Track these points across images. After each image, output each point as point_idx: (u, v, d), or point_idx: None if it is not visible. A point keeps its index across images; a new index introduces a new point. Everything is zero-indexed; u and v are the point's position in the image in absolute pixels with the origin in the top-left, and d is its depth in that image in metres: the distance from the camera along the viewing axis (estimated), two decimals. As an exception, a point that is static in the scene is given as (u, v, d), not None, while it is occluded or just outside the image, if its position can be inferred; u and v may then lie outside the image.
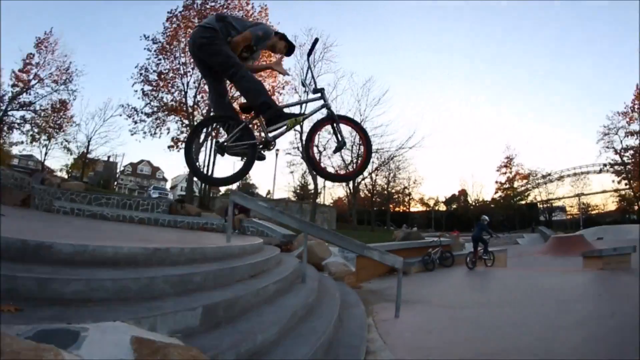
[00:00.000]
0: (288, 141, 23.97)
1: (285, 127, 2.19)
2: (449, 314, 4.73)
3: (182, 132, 19.43)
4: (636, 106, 23.52)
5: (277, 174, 42.78)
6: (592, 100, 52.15)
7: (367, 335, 3.13)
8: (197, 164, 2.42)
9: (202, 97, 19.24)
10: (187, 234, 6.72)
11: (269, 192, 37.27)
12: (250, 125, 2.23)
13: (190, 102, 18.64)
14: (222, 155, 2.21)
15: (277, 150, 23.49)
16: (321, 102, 2.28)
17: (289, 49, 2.49)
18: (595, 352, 3.10)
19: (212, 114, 2.69)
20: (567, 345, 3.23)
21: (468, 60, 60.59)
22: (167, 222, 9.65)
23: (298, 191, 36.70)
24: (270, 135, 2.21)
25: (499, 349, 3.15)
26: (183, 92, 18.60)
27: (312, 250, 5.62)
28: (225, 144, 2.18)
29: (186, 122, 18.80)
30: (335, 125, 2.27)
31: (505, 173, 35.56)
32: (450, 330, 3.95)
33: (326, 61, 21.19)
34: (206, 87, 20.79)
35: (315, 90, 2.28)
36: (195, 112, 19.08)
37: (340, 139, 2.28)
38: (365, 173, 25.08)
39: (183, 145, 19.42)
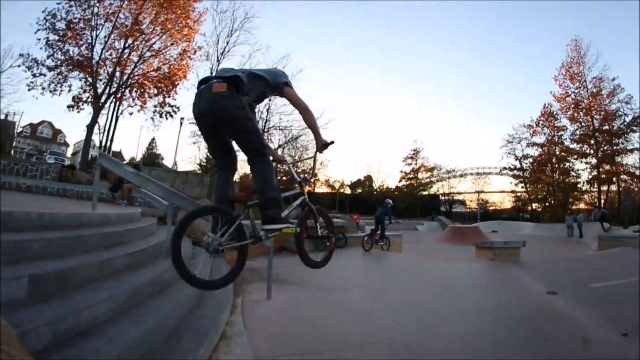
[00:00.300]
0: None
1: (279, 230, 2.50)
2: (327, 298, 4.89)
3: (85, 91, 21.33)
4: (541, 122, 33.37)
5: (184, 146, 48.25)
6: (503, 108, 69.48)
7: (229, 318, 3.40)
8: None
9: (110, 53, 21.84)
10: (63, 202, 7.38)
11: (175, 164, 40.48)
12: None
13: (96, 57, 20.70)
14: (217, 254, 2.33)
15: (182, 118, 27.63)
16: (301, 197, 2.86)
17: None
18: (474, 344, 3.43)
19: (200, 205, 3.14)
20: (445, 336, 3.58)
21: (390, 53, 76.00)
22: (55, 190, 10.63)
23: (203, 164, 39.89)
24: (263, 232, 2.49)
25: (370, 339, 3.38)
26: (91, 47, 20.51)
27: (195, 223, 5.33)
28: (221, 245, 2.28)
29: (90, 79, 20.67)
30: (316, 222, 2.88)
31: (411, 164, 45.72)
32: (322, 315, 4.11)
33: (245, 32, 25.16)
34: (116, 43, 22.96)
35: (303, 180, 2.90)
36: (101, 70, 21.45)
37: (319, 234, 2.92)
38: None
39: (86, 108, 21.18)
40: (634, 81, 40.97)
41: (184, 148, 76.69)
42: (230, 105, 2.25)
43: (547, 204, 36.32)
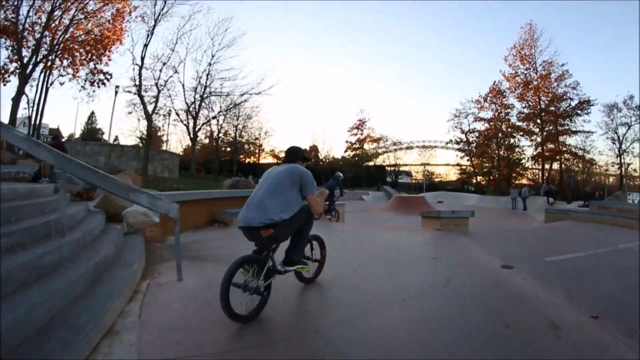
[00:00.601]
0: (128, 77, 27.71)
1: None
2: None
3: (11, 61, 20.72)
4: (489, 98, 35.50)
5: (124, 118, 53.56)
6: (451, 84, 70.01)
7: (125, 307, 3.04)
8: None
9: (39, 17, 21.19)
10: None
11: (116, 138, 40.07)
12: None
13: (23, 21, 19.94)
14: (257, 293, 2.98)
15: (117, 87, 26.69)
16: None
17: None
18: (420, 333, 2.92)
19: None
20: (383, 324, 3.04)
21: (339, 21, 74.16)
22: (-31, 170, 9.63)
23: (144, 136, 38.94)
24: (283, 270, 3.29)
25: (289, 334, 2.83)
26: (16, 9, 19.41)
27: (112, 197, 5.87)
28: (256, 285, 2.92)
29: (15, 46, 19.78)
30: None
31: (357, 134, 46.57)
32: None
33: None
34: (46, 4, 20.95)
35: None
36: (30, 37, 20.96)
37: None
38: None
39: (13, 80, 21.12)
40: (581, 69, 44.68)
41: (124, 120, 69.81)
42: (284, 234, 3.17)
43: (491, 177, 38.24)
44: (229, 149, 43.19)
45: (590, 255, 6.13)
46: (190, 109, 30.81)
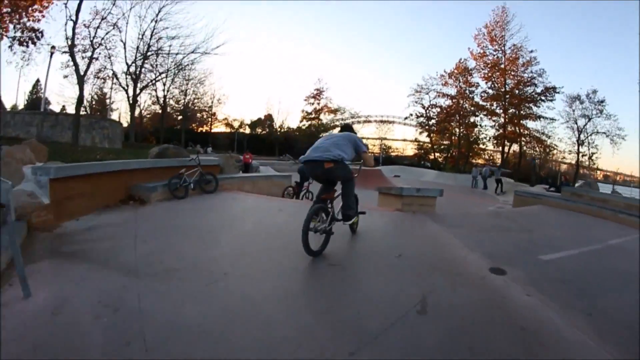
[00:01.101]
0: (63, 36, 23.60)
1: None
2: (124, 284, 2.81)
3: None
4: (454, 75, 35.33)
5: (67, 85, 40.26)
6: (414, 59, 70.07)
7: None
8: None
9: None
10: None
11: (63, 108, 35.96)
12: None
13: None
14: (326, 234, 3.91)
15: (53, 47, 24.07)
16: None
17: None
18: None
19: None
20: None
21: None
22: None
23: (94, 105, 39.28)
24: (342, 223, 4.21)
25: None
26: None
27: None
28: (323, 227, 3.82)
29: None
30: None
31: (313, 104, 45.32)
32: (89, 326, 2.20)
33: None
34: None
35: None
36: None
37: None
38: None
39: None
40: (549, 60, 45.40)
41: (68, 87, 61.07)
42: (338, 172, 3.99)
43: (449, 154, 38.09)
44: (181, 117, 40.58)
45: (585, 254, 4.97)
46: (131, 71, 28.29)
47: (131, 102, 30.79)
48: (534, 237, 5.72)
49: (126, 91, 30.47)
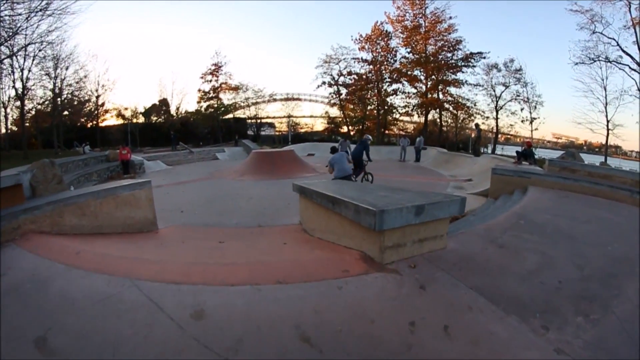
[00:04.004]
0: None
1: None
2: None
3: None
4: (371, 38, 32.48)
5: None
6: (321, 34, 65.06)
7: None
8: None
9: None
10: None
11: None
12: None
13: None
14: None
15: None
16: None
17: None
18: None
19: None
20: None
21: None
22: None
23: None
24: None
25: None
26: None
27: None
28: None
29: None
30: None
31: (211, 81, 39.30)
32: None
33: None
34: None
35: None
36: None
37: None
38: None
39: None
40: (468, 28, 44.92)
41: None
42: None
43: (363, 126, 35.49)
44: (66, 112, 31.47)
45: None
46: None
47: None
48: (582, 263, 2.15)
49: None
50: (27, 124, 28.82)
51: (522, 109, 27.57)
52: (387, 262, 2.67)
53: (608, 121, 22.28)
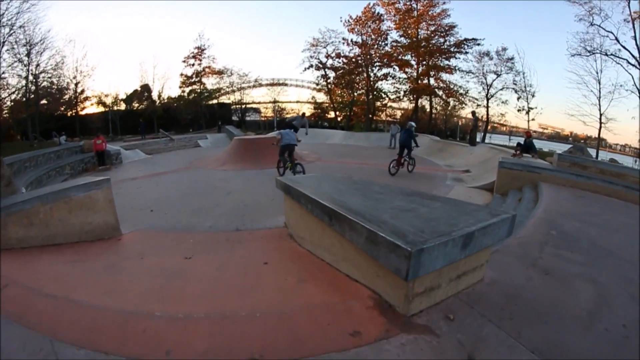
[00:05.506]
0: None
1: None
2: None
3: None
4: (362, 20, 31.16)
5: None
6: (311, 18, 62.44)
7: None
8: None
9: None
10: None
11: None
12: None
13: None
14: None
15: None
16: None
17: None
18: None
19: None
20: None
21: None
22: None
23: None
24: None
25: None
26: None
27: None
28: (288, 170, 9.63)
29: None
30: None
31: (194, 65, 37.79)
32: None
33: None
34: None
35: None
36: None
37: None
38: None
39: None
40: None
41: None
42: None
43: (351, 112, 34.52)
44: (43, 100, 29.27)
45: None
46: None
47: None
48: None
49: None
50: (6, 115, 27.19)
51: (518, 98, 26.94)
52: (415, 312, 1.87)
53: (601, 114, 21.88)
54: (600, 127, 22.04)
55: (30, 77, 25.52)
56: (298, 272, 2.66)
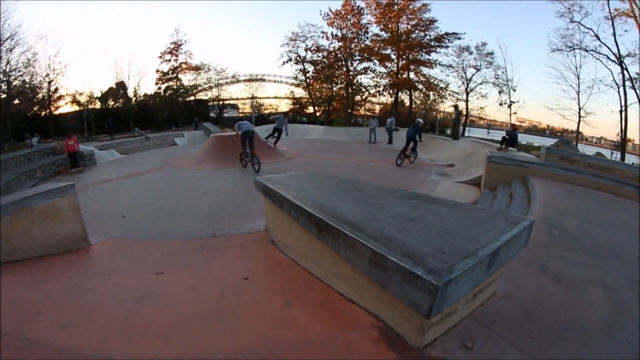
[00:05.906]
0: None
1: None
2: None
3: None
4: (342, 14, 30.99)
5: None
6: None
7: None
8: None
9: None
10: None
11: None
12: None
13: None
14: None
15: None
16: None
17: None
18: None
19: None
20: None
21: None
22: None
23: None
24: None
25: None
26: None
27: None
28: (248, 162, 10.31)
29: None
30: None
31: (170, 61, 37.18)
32: None
33: None
34: None
35: None
36: None
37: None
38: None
39: None
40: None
41: None
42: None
43: (329, 107, 34.25)
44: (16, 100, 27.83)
45: None
46: None
47: None
48: None
49: None
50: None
51: (500, 92, 27.22)
52: (428, 342, 1.58)
53: (580, 108, 22.29)
54: (579, 121, 22.44)
55: (0, 76, 24.23)
56: (283, 291, 2.32)
